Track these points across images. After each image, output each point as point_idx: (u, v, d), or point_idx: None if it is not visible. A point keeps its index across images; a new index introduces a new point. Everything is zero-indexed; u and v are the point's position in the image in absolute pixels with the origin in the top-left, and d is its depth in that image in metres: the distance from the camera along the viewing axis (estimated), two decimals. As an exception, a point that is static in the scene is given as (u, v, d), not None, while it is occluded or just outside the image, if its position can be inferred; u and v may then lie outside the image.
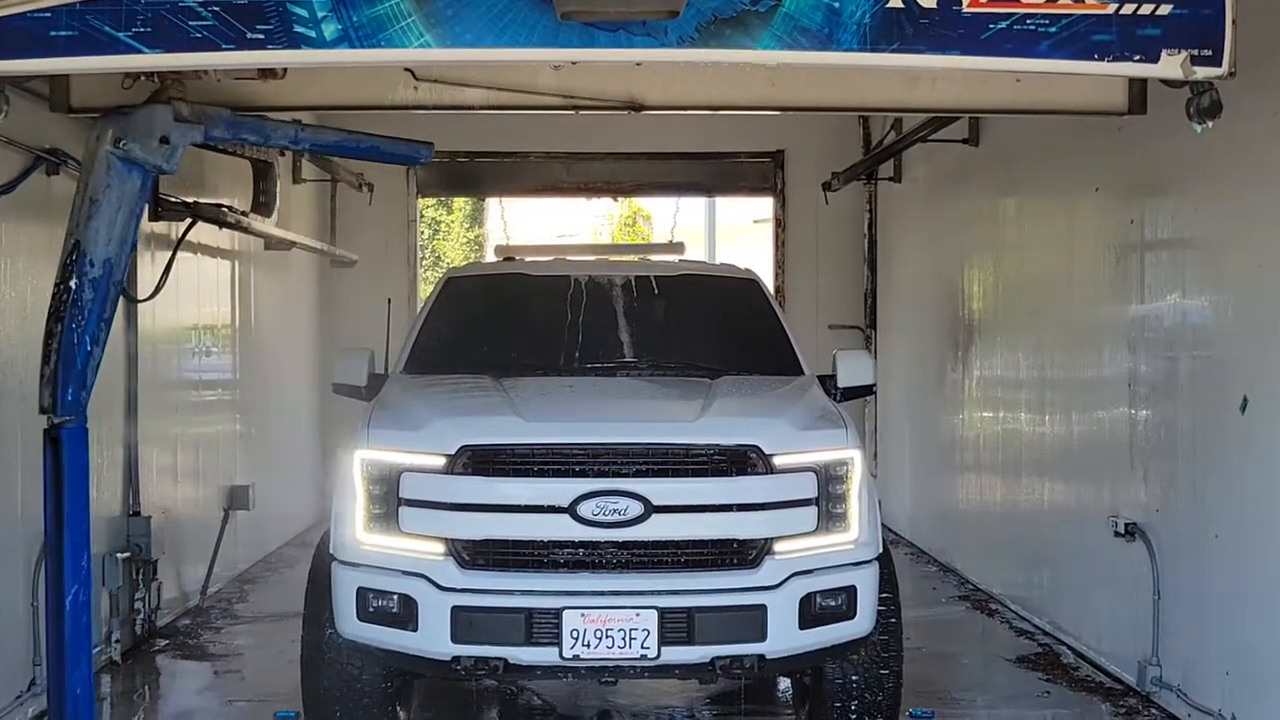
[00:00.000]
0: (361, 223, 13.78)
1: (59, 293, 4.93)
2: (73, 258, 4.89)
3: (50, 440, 4.93)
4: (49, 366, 4.93)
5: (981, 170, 10.34)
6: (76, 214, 4.93)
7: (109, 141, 4.88)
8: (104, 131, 4.88)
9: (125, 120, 4.95)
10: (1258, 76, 5.37)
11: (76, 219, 4.93)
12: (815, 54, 4.70)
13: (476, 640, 5.58)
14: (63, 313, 4.93)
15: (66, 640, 4.93)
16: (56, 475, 4.93)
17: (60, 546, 4.90)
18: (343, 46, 4.38)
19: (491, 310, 7.48)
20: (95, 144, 4.89)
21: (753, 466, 5.72)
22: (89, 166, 4.91)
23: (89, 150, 4.90)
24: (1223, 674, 6.36)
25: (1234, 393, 6.19)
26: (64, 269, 4.90)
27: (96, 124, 4.92)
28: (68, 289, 4.93)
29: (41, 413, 4.93)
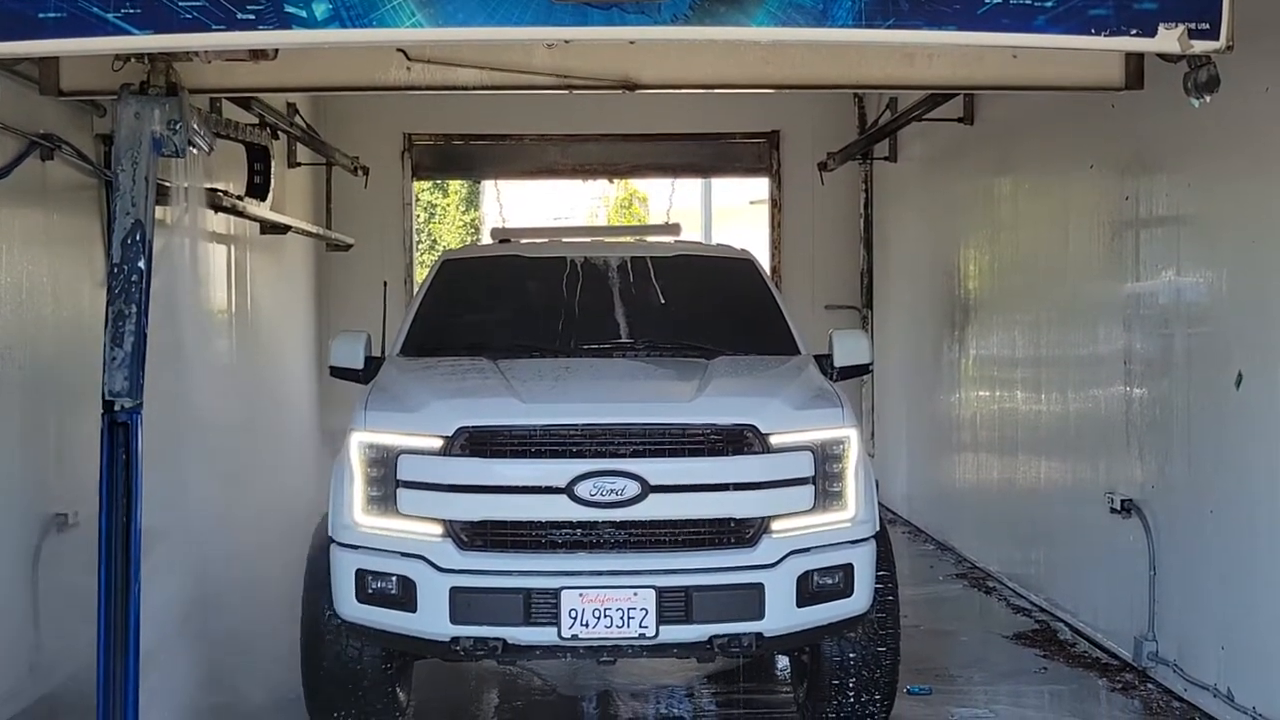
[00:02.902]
0: (357, 206, 13.76)
1: (125, 274, 4.81)
2: (135, 238, 4.79)
3: (119, 426, 4.80)
4: (121, 349, 4.81)
5: (977, 149, 10.32)
6: (130, 194, 4.83)
7: (160, 121, 4.82)
8: (154, 110, 4.80)
9: (175, 101, 4.90)
10: (1254, 50, 5.36)
11: (132, 199, 4.83)
12: (810, 30, 4.69)
13: (475, 621, 5.60)
14: (134, 295, 4.82)
15: (130, 625, 4.85)
16: (127, 461, 4.83)
17: (128, 532, 4.82)
18: (333, 26, 4.36)
19: (488, 292, 7.47)
20: (137, 122, 4.79)
21: (749, 446, 5.72)
22: (135, 145, 4.81)
23: (130, 130, 4.81)
24: (1218, 648, 6.38)
25: (1229, 369, 6.20)
26: (125, 250, 4.79)
27: (139, 103, 4.82)
28: (137, 270, 4.83)
29: (111, 397, 4.79)
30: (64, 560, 7.13)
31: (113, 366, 4.86)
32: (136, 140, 4.87)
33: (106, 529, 4.78)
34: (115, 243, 4.83)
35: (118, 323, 4.85)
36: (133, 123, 4.86)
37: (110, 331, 4.84)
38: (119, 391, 4.84)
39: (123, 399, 4.84)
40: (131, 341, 4.81)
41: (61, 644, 7.09)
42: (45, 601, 6.86)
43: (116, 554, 4.81)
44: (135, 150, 4.87)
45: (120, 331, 4.83)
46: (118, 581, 4.81)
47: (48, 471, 7.11)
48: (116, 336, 4.85)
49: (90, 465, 7.68)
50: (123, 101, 4.85)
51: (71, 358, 7.50)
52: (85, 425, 7.66)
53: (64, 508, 7.10)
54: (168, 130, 4.89)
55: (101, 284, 7.87)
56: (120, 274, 4.83)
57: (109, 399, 4.83)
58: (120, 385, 4.83)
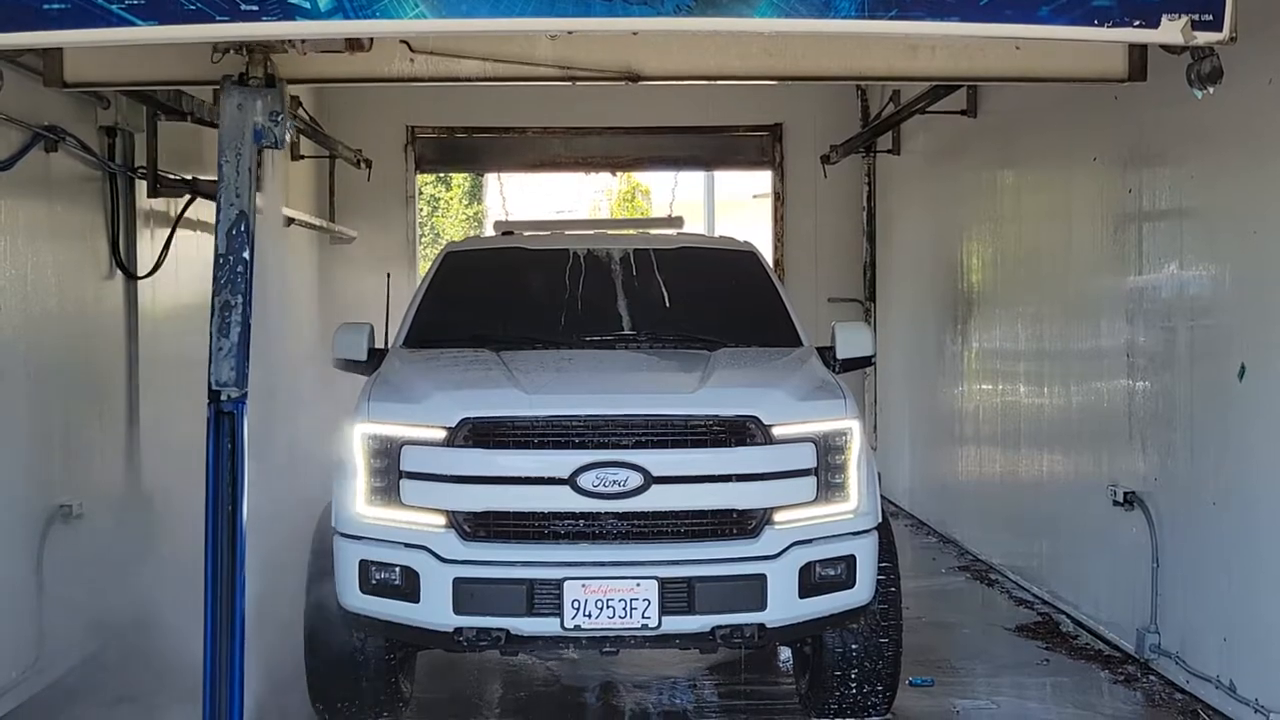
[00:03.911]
0: (360, 199, 13.78)
1: (230, 264, 4.78)
2: (240, 228, 4.78)
3: (225, 415, 4.78)
4: (227, 339, 4.78)
5: (979, 141, 10.32)
6: (234, 185, 4.80)
7: (262, 113, 4.81)
8: (256, 102, 4.79)
9: (276, 93, 4.89)
10: (1257, 42, 5.36)
11: (236, 189, 4.82)
12: (813, 21, 4.69)
13: (478, 611, 5.61)
14: (240, 285, 4.79)
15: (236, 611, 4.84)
16: (232, 450, 4.81)
17: (234, 520, 4.80)
18: (337, 18, 4.37)
19: (491, 284, 7.48)
20: (240, 114, 4.77)
21: (752, 437, 5.73)
22: (238, 137, 4.79)
23: (233, 121, 4.78)
24: (1221, 640, 6.39)
25: (1232, 362, 6.20)
26: (230, 240, 4.77)
27: (241, 95, 4.80)
28: (242, 260, 4.81)
29: (218, 387, 4.76)
30: (69, 551, 7.16)
31: (219, 356, 4.83)
32: (239, 132, 4.85)
33: (213, 516, 4.78)
34: (220, 233, 4.81)
35: (224, 313, 4.83)
36: (235, 114, 4.84)
37: (216, 321, 4.81)
38: (225, 381, 4.81)
39: (229, 389, 4.82)
40: (238, 331, 4.79)
41: (67, 635, 7.12)
42: (50, 593, 6.88)
43: (223, 541, 4.81)
44: (239, 141, 4.85)
45: (226, 321, 4.81)
46: (224, 569, 4.81)
47: (52, 463, 7.13)
48: (222, 326, 4.83)
49: (94, 456, 7.75)
50: (225, 93, 4.84)
51: (76, 349, 7.52)
52: (89, 416, 7.72)
53: (68, 499, 7.12)
54: (269, 121, 4.88)
55: (106, 277, 7.92)
56: (226, 264, 4.81)
57: (215, 388, 4.80)
58: (226, 375, 4.81)
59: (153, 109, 7.89)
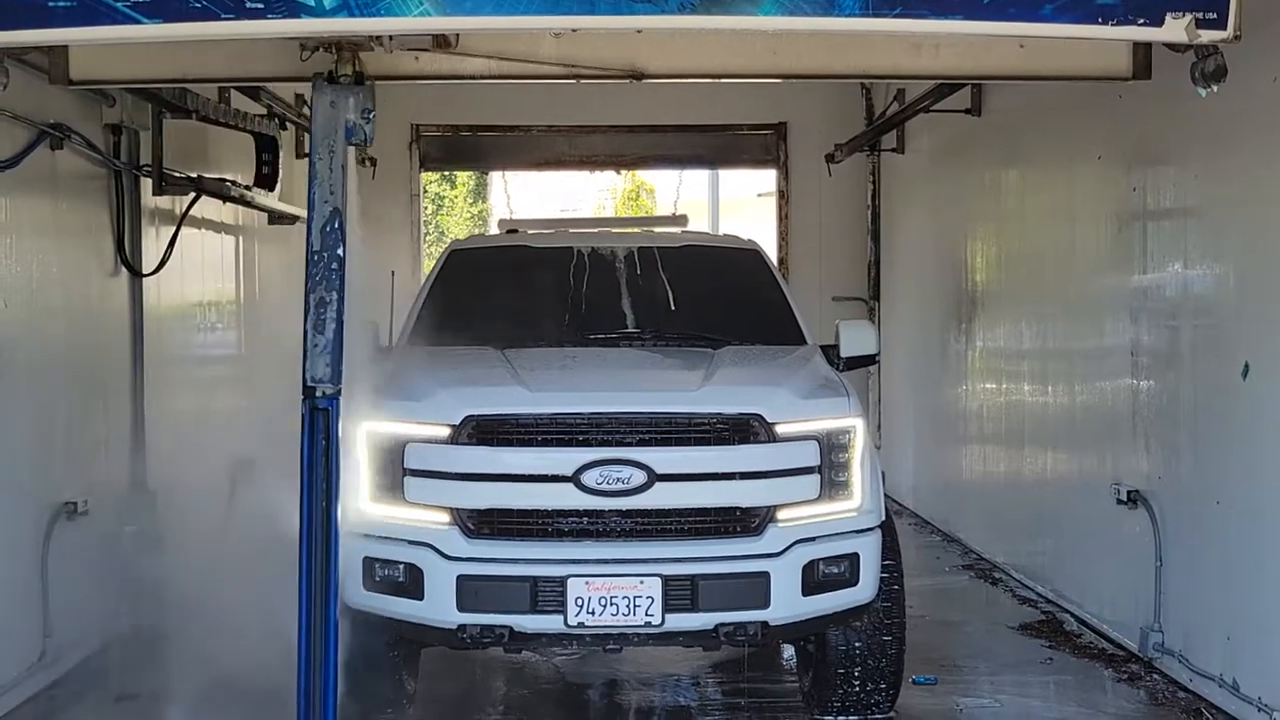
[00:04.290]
0: (364, 197, 13.70)
1: (325, 261, 4.77)
2: (334, 225, 4.77)
3: (319, 412, 4.76)
4: (322, 336, 4.75)
5: (984, 140, 10.31)
6: (327, 182, 4.79)
7: (354, 110, 4.82)
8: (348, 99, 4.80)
9: (368, 90, 4.90)
10: (1262, 41, 5.36)
11: (330, 187, 4.80)
12: (817, 19, 4.69)
13: (482, 609, 5.63)
14: (334, 281, 4.78)
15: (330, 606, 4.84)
16: (327, 446, 4.80)
17: (328, 516, 4.79)
18: (341, 15, 4.38)
19: (495, 282, 7.49)
20: (333, 111, 4.77)
21: (755, 435, 5.74)
22: (331, 134, 4.79)
23: (326, 119, 4.78)
24: (1224, 639, 6.39)
25: (1235, 361, 6.20)
26: (324, 237, 4.75)
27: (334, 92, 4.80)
28: (336, 257, 4.79)
29: (313, 384, 4.74)
30: (74, 548, 7.17)
31: (314, 353, 4.80)
32: (332, 129, 4.84)
33: (308, 512, 4.77)
34: (314, 230, 4.79)
35: (319, 310, 4.80)
36: (328, 111, 4.83)
37: (311, 318, 4.78)
38: (320, 378, 4.78)
39: (324, 385, 4.79)
40: (332, 328, 4.76)
41: (72, 631, 7.13)
42: (55, 589, 6.89)
43: (317, 537, 4.78)
44: (331, 139, 4.84)
45: (321, 318, 4.79)
46: (319, 564, 4.78)
47: (57, 460, 7.15)
48: (317, 323, 4.81)
49: (100, 454, 7.76)
50: (318, 90, 4.83)
51: (81, 347, 7.53)
52: (95, 414, 7.73)
53: (73, 496, 7.13)
54: (361, 119, 4.89)
55: (110, 274, 7.94)
56: (320, 261, 4.78)
57: (310, 385, 4.78)
58: (321, 372, 4.78)
59: (158, 107, 7.91)
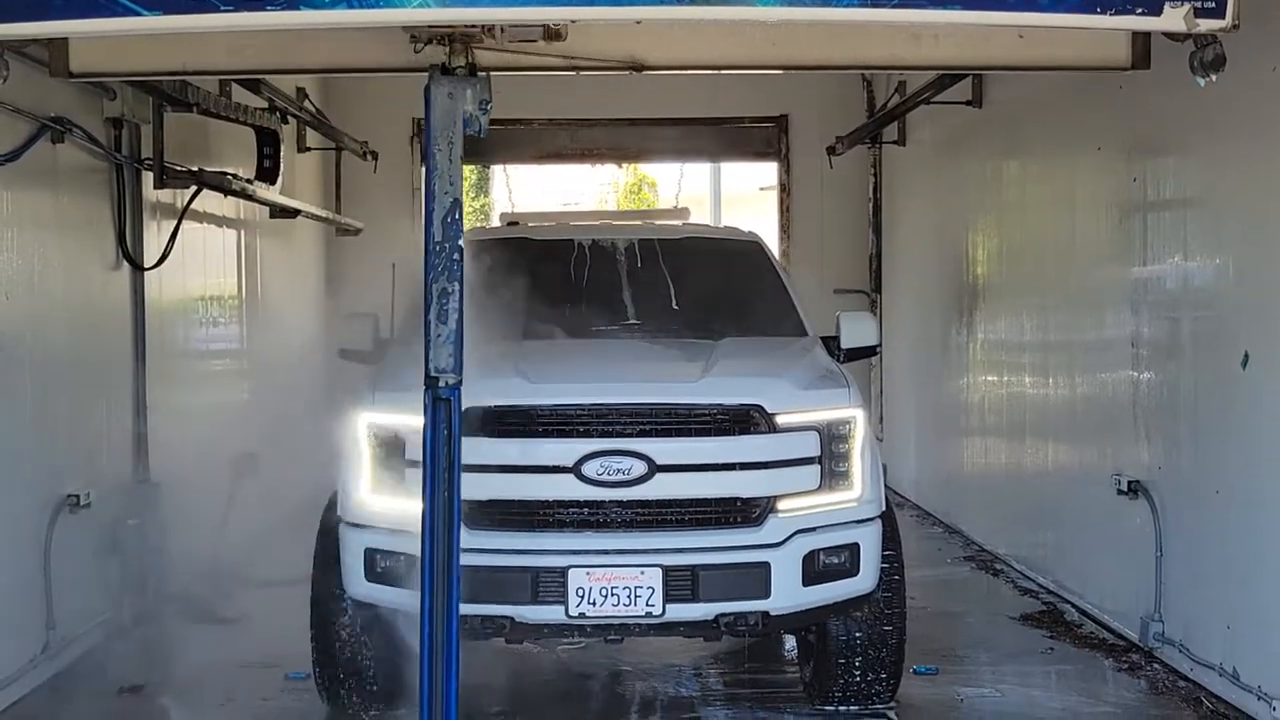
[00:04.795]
0: (366, 191, 13.80)
1: (446, 252, 4.78)
2: (454, 216, 4.78)
3: (442, 402, 4.78)
4: (445, 326, 4.74)
5: (985, 132, 10.32)
6: (447, 173, 4.80)
7: (471, 101, 4.83)
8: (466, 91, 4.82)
9: (485, 82, 4.91)
10: (1261, 30, 5.36)
11: (450, 178, 4.82)
12: (816, 10, 4.69)
13: (483, 599, 5.63)
14: (456, 272, 4.79)
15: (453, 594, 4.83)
16: (449, 436, 4.81)
17: (451, 505, 4.79)
18: (341, 7, 4.38)
19: (496, 274, 7.47)
20: (450, 102, 4.79)
21: (755, 425, 5.75)
22: (449, 125, 4.80)
23: (444, 110, 4.80)
24: (1224, 628, 6.40)
25: (1236, 351, 6.20)
26: (445, 228, 4.76)
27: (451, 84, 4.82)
28: (458, 248, 4.82)
29: (436, 374, 4.76)
30: (76, 540, 7.19)
31: (437, 343, 4.79)
32: (451, 120, 4.85)
33: (431, 501, 4.78)
34: (435, 221, 4.79)
35: (441, 300, 4.78)
36: (446, 103, 4.83)
37: (434, 309, 4.77)
38: (444, 368, 4.78)
39: (447, 375, 4.80)
40: (455, 318, 4.77)
41: (75, 624, 7.16)
42: (58, 581, 6.91)
43: (440, 525, 4.78)
44: (450, 130, 4.84)
45: (444, 309, 4.77)
46: (442, 552, 4.78)
47: (59, 453, 7.16)
48: (440, 313, 4.79)
49: (102, 447, 7.78)
50: (435, 82, 4.84)
51: (83, 340, 7.55)
52: (97, 406, 7.75)
53: (76, 488, 7.15)
54: (478, 110, 4.91)
55: (112, 268, 7.95)
56: (442, 252, 4.77)
57: (434, 375, 4.79)
58: (445, 362, 4.78)
59: (159, 100, 7.91)
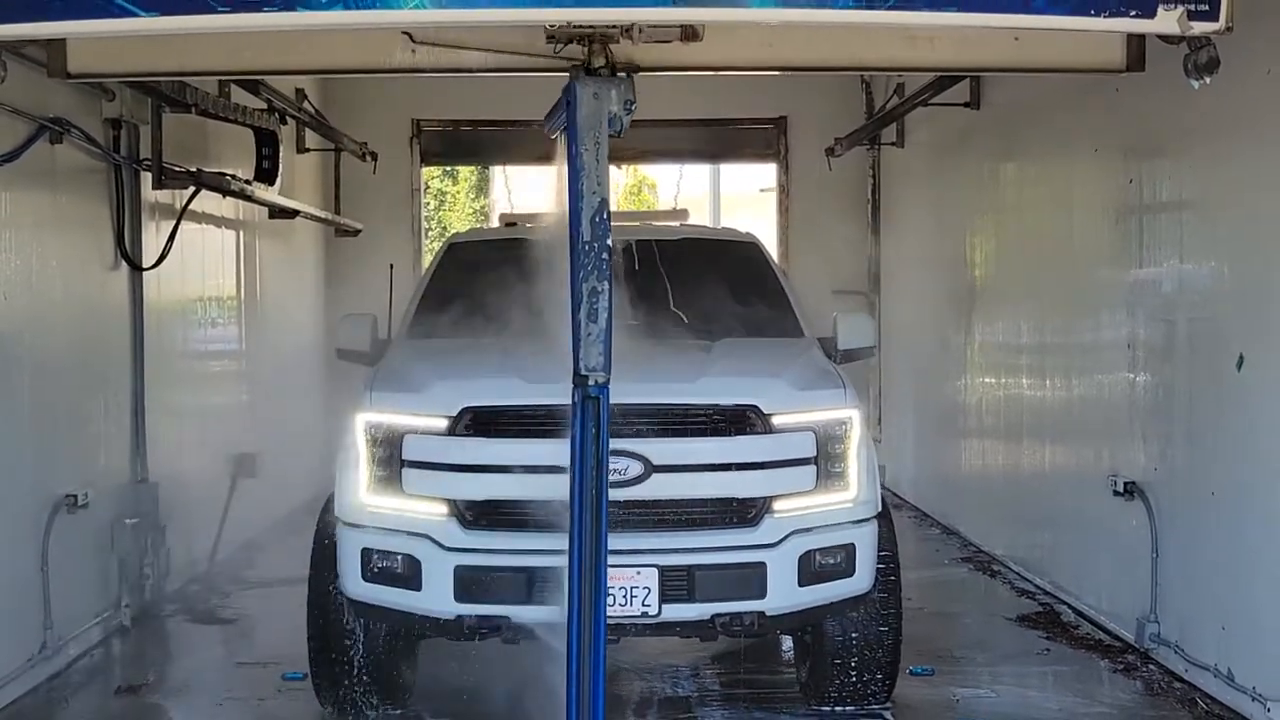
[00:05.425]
0: (366, 192, 13.80)
1: (595, 251, 4.80)
2: (602, 216, 4.80)
3: (591, 400, 4.79)
4: (595, 325, 4.74)
5: (982, 133, 10.33)
6: (594, 173, 4.82)
7: (616, 101, 4.86)
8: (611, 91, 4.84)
9: (630, 82, 4.93)
10: (1255, 33, 5.37)
11: (597, 178, 4.84)
12: (812, 12, 4.69)
13: (479, 599, 5.66)
14: (605, 271, 4.80)
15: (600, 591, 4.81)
16: (597, 434, 4.83)
17: (598, 503, 4.80)
18: (338, 8, 4.38)
19: (493, 274, 7.50)
20: (596, 103, 4.82)
21: (752, 426, 5.77)
22: (595, 125, 4.83)
23: (591, 110, 4.82)
24: (1219, 629, 6.41)
25: (1230, 353, 6.21)
26: (594, 227, 4.79)
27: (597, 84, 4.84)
28: (606, 247, 4.84)
29: (586, 372, 4.76)
30: (74, 540, 7.21)
31: (588, 342, 4.79)
32: (597, 120, 4.88)
33: (579, 500, 4.80)
34: (583, 221, 4.81)
35: (591, 299, 4.78)
36: (592, 103, 4.85)
37: (585, 308, 4.77)
38: (594, 366, 4.78)
39: (597, 374, 4.81)
40: (604, 317, 4.79)
41: (72, 623, 7.17)
42: (55, 581, 6.92)
43: (588, 523, 4.80)
44: (596, 130, 4.87)
45: (595, 307, 4.77)
46: (589, 550, 4.79)
47: (58, 453, 7.18)
48: (591, 312, 4.78)
49: (100, 446, 7.79)
50: (581, 82, 4.87)
51: (81, 340, 7.57)
52: (95, 407, 7.76)
53: (74, 489, 7.17)
54: (622, 110, 4.94)
55: (111, 268, 7.96)
56: (591, 251, 4.78)
57: (584, 373, 4.80)
58: (595, 360, 4.79)
59: (157, 101, 7.93)
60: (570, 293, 4.82)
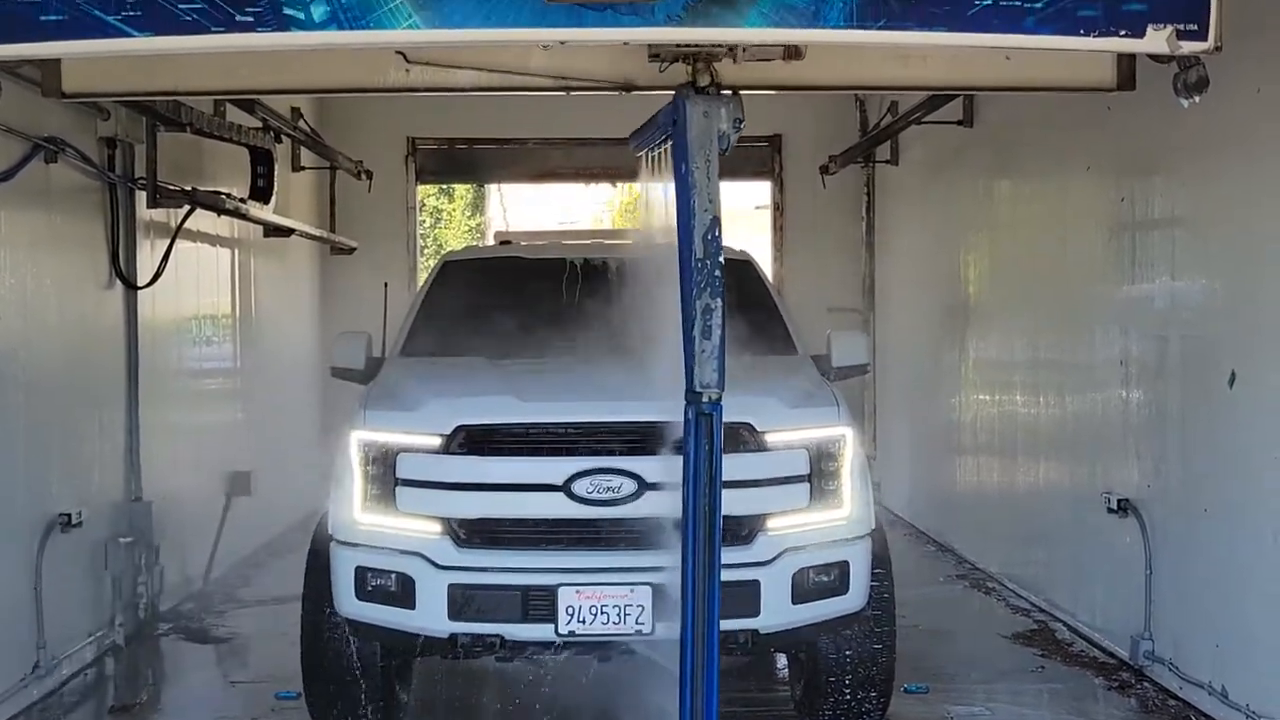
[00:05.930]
0: (361, 210, 13.83)
1: (708, 268, 4.83)
2: (715, 233, 4.83)
3: (704, 417, 4.83)
4: (709, 342, 4.79)
5: (976, 151, 10.36)
6: (706, 191, 4.84)
7: (726, 119, 4.89)
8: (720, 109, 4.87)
9: (739, 101, 4.97)
10: (1244, 52, 5.40)
11: (709, 195, 4.86)
12: (803, 31, 4.71)
13: (473, 618, 5.65)
14: (718, 288, 4.84)
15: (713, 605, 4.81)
16: (710, 450, 4.84)
17: (711, 520, 4.81)
18: (331, 28, 4.39)
19: (488, 292, 7.52)
20: (706, 121, 4.85)
21: (745, 443, 5.77)
22: (706, 143, 4.86)
23: (701, 129, 4.85)
24: (1213, 646, 6.41)
25: (1222, 370, 6.23)
26: (706, 245, 4.82)
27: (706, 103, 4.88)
28: (719, 264, 4.86)
29: (701, 389, 4.82)
30: (67, 559, 7.20)
31: (702, 359, 4.84)
32: (707, 138, 4.92)
33: (692, 516, 4.83)
34: (696, 238, 4.85)
35: (705, 316, 4.82)
36: (703, 121, 4.90)
37: (699, 325, 4.82)
38: (708, 383, 4.84)
39: (710, 390, 4.85)
40: (718, 334, 4.82)
41: (65, 642, 7.16)
42: (49, 600, 6.91)
43: (701, 539, 4.81)
44: (707, 148, 4.91)
45: (709, 325, 4.81)
46: (703, 568, 4.81)
47: (51, 471, 7.18)
48: (705, 330, 4.83)
49: (94, 465, 7.78)
50: (690, 101, 4.91)
51: (76, 359, 7.57)
52: (89, 426, 7.76)
53: (68, 507, 7.16)
54: (731, 128, 4.97)
55: (105, 287, 7.97)
56: (704, 269, 4.82)
57: (698, 390, 4.85)
58: (709, 377, 4.84)
59: (152, 120, 7.95)
60: (682, 310, 4.85)
